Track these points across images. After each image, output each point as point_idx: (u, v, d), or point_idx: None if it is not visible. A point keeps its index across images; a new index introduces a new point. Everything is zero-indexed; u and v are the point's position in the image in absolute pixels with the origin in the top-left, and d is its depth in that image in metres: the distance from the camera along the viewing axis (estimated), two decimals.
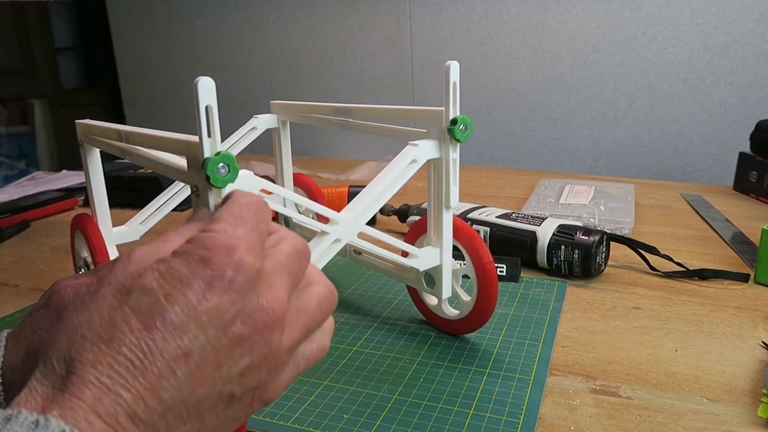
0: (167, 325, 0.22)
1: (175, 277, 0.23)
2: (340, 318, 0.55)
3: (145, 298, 0.23)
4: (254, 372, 0.24)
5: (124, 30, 1.94)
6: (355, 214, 0.40)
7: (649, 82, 1.34)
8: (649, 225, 0.83)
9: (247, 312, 0.24)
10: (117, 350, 0.21)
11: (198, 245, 0.24)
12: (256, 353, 0.24)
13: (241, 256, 0.24)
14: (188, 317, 0.22)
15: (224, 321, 0.23)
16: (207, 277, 0.23)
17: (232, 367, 0.24)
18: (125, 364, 0.21)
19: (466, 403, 0.41)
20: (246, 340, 0.24)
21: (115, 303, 0.23)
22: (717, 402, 0.41)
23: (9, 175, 2.61)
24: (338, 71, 1.65)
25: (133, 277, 0.23)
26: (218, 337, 0.23)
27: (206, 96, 0.29)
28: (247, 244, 0.24)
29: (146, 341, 0.22)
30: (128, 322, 0.22)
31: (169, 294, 0.23)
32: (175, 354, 0.22)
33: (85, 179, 0.52)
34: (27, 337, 0.35)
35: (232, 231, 0.25)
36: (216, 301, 0.23)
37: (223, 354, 0.23)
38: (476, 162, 1.53)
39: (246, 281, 0.24)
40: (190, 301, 0.23)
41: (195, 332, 0.22)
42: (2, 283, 0.68)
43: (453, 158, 0.44)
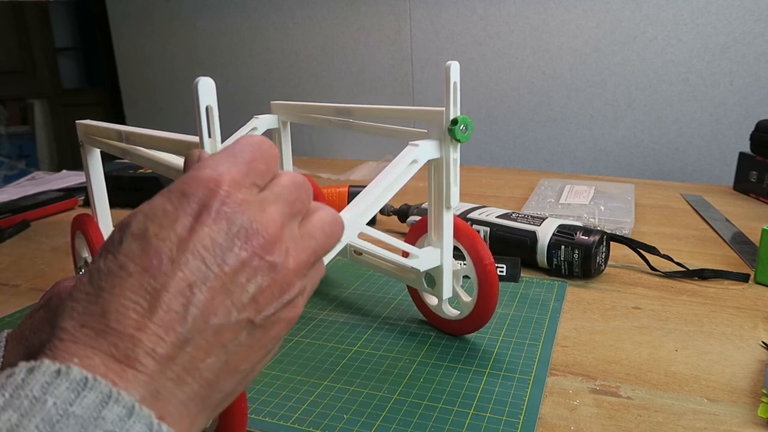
0: (164, 261, 0.22)
1: (160, 214, 0.23)
2: (340, 318, 0.55)
3: (136, 241, 0.23)
4: (266, 296, 0.24)
5: (124, 30, 1.94)
6: (355, 214, 0.40)
7: (649, 82, 1.34)
8: (649, 225, 0.83)
9: (242, 236, 0.24)
10: (121, 295, 0.22)
11: (180, 182, 0.24)
12: (261, 276, 0.24)
13: (225, 188, 0.24)
14: (183, 250, 0.23)
15: (220, 248, 0.23)
16: (192, 210, 0.23)
17: (242, 293, 0.24)
18: (133, 307, 0.22)
19: (466, 403, 0.41)
20: (247, 264, 0.24)
21: (110, 255, 0.23)
22: (717, 402, 0.41)
23: (9, 175, 2.61)
24: (338, 71, 1.65)
25: (121, 227, 0.24)
26: (218, 263, 0.23)
27: (206, 96, 0.29)
28: (230, 177, 0.25)
29: (148, 281, 0.22)
30: (126, 268, 0.22)
31: (157, 233, 0.23)
32: (180, 287, 0.22)
33: (86, 179, 0.52)
34: (27, 338, 0.36)
35: (215, 165, 0.25)
36: (207, 231, 0.23)
37: (228, 280, 0.23)
38: (476, 162, 1.53)
39: (233, 209, 0.24)
40: (180, 234, 0.23)
41: (193, 263, 0.23)
42: (2, 283, 0.68)
43: (453, 158, 0.44)
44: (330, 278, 0.64)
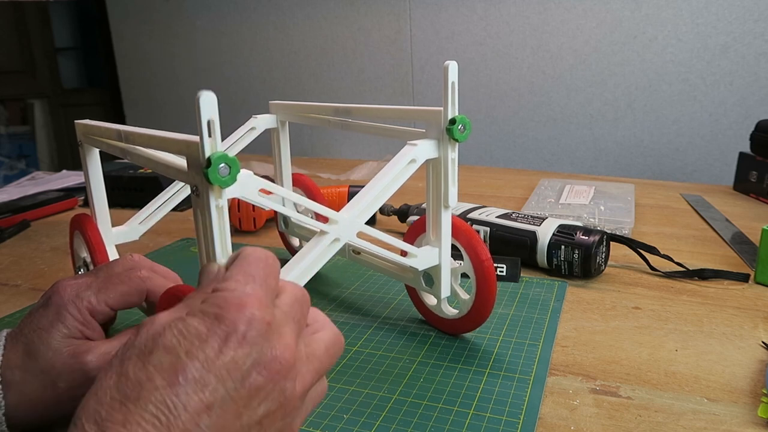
0: (189, 380, 0.23)
1: (193, 334, 0.24)
2: (340, 318, 0.55)
3: (167, 355, 0.24)
4: (271, 419, 0.26)
5: (124, 30, 1.94)
6: (354, 214, 0.40)
7: (649, 82, 1.34)
8: (649, 225, 0.83)
9: (262, 363, 0.25)
10: (144, 408, 0.23)
11: (212, 304, 0.26)
12: (272, 401, 0.25)
13: (252, 311, 0.25)
14: (208, 371, 0.24)
15: (241, 372, 0.24)
16: (222, 333, 0.25)
17: (252, 416, 0.25)
18: (152, 422, 0.22)
19: (466, 403, 0.41)
20: (262, 389, 0.25)
21: (140, 363, 0.24)
22: (717, 402, 0.41)
23: (9, 175, 2.61)
24: (338, 71, 1.65)
25: (154, 337, 0.25)
26: (237, 388, 0.24)
27: (208, 110, 0.29)
28: (256, 299, 0.26)
29: (170, 397, 0.23)
30: (153, 380, 0.23)
31: (188, 350, 0.24)
32: (198, 407, 0.23)
33: (85, 179, 0.52)
34: (26, 336, 0.36)
35: (242, 288, 0.26)
36: (232, 355, 0.24)
37: (242, 404, 0.24)
38: (476, 162, 1.53)
39: (258, 334, 0.25)
40: (208, 355, 0.24)
41: (215, 385, 0.24)
42: (2, 283, 0.68)
43: (452, 158, 0.44)
44: (330, 278, 0.64)
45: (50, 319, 0.36)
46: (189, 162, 0.32)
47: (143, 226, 0.55)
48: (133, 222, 0.54)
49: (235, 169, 0.30)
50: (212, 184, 0.30)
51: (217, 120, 0.29)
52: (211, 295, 0.26)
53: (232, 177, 0.30)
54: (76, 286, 0.38)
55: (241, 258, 0.29)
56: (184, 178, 0.34)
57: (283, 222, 0.66)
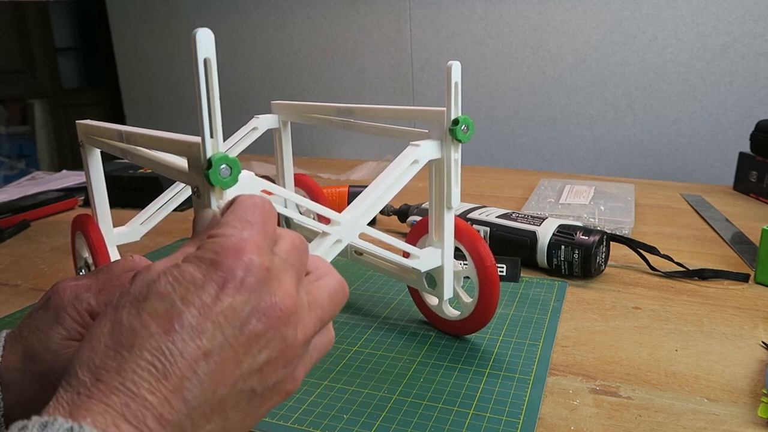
0: (185, 326, 0.23)
1: (189, 280, 0.24)
2: (340, 318, 0.55)
3: (162, 302, 0.23)
4: (272, 367, 0.25)
5: (124, 30, 1.94)
6: (356, 215, 0.40)
7: (649, 82, 1.34)
8: (649, 225, 0.83)
9: (261, 309, 0.24)
10: (139, 355, 0.22)
11: (208, 250, 0.25)
12: (272, 348, 0.25)
13: (251, 257, 0.25)
14: (205, 318, 0.23)
15: (240, 319, 0.24)
16: (219, 279, 0.24)
17: (252, 364, 0.24)
18: (148, 369, 0.22)
19: (466, 403, 0.41)
20: (262, 336, 0.24)
21: (133, 310, 0.23)
22: (717, 402, 0.41)
23: (9, 175, 2.61)
24: (338, 71, 1.65)
25: (148, 284, 0.24)
26: (235, 335, 0.24)
27: (205, 48, 0.28)
28: (254, 244, 0.25)
29: (166, 344, 0.22)
30: (147, 327, 0.23)
31: (184, 297, 0.23)
32: (196, 354, 0.23)
33: (86, 180, 0.52)
34: (26, 337, 0.36)
35: (239, 233, 0.25)
36: (230, 301, 0.24)
37: (241, 351, 0.24)
38: (476, 162, 1.53)
39: (257, 280, 0.25)
40: (205, 302, 0.23)
41: (212, 332, 0.23)
42: (2, 283, 0.68)
43: (455, 159, 0.44)
44: None
45: (49, 320, 0.36)
46: (190, 163, 0.32)
47: (144, 226, 0.55)
48: (135, 223, 0.54)
49: (236, 170, 0.30)
50: (213, 185, 0.30)
51: (214, 59, 0.28)
52: (207, 240, 0.25)
53: (233, 178, 0.30)
54: (75, 287, 0.38)
55: (237, 204, 0.28)
56: (185, 179, 0.34)
57: (285, 223, 0.66)
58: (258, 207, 0.28)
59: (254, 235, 0.26)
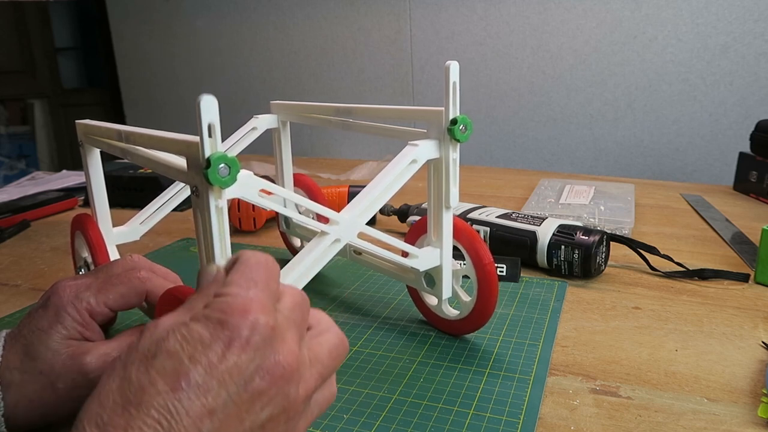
0: (192, 385, 0.23)
1: (197, 339, 0.24)
2: (340, 318, 0.55)
3: (170, 360, 0.24)
4: (274, 423, 0.26)
5: (124, 30, 1.94)
6: (355, 214, 0.40)
7: (649, 82, 1.34)
8: (649, 225, 0.83)
9: (265, 368, 0.25)
10: (146, 413, 0.23)
11: (215, 309, 0.26)
12: (275, 406, 0.25)
13: (256, 316, 0.25)
14: (211, 376, 0.24)
15: (244, 377, 0.24)
16: (226, 338, 0.25)
17: (254, 421, 0.25)
18: (154, 426, 0.22)
19: (466, 403, 0.41)
20: (265, 394, 0.25)
21: (142, 367, 0.24)
22: (717, 402, 0.41)
23: (9, 175, 2.61)
24: (338, 71, 1.65)
25: (157, 342, 0.25)
26: (239, 393, 0.24)
27: (208, 114, 0.29)
28: (260, 304, 0.26)
29: (173, 402, 0.23)
30: (155, 385, 0.23)
31: (192, 355, 0.24)
32: (200, 412, 0.23)
33: (86, 179, 0.52)
34: (26, 337, 0.36)
35: (245, 293, 0.26)
36: (235, 360, 0.24)
37: (244, 409, 0.24)
38: (476, 162, 1.53)
39: (262, 339, 0.25)
40: (211, 360, 0.24)
41: (217, 390, 0.24)
42: (2, 283, 0.68)
43: (453, 158, 0.44)
44: (330, 278, 0.64)
45: (49, 320, 0.36)
46: (189, 162, 0.32)
47: (144, 226, 0.55)
48: (134, 222, 0.54)
49: (235, 169, 0.30)
50: (212, 184, 0.30)
51: (218, 122, 0.29)
52: (214, 300, 0.26)
53: (231, 177, 0.30)
54: (75, 287, 0.38)
55: (241, 262, 0.29)
56: (184, 179, 0.34)
57: (284, 222, 0.66)
58: (261, 265, 0.28)
59: (259, 294, 0.27)
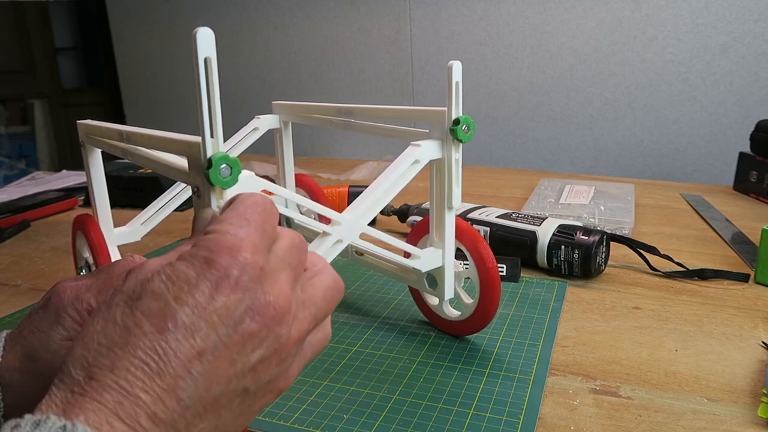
0: (179, 326, 0.23)
1: (182, 279, 0.24)
2: (340, 318, 0.55)
3: (155, 301, 0.23)
4: (265, 365, 0.25)
5: (124, 30, 1.94)
6: (357, 215, 0.40)
7: (649, 82, 1.34)
8: (649, 225, 0.83)
9: (255, 308, 0.24)
10: (132, 354, 0.22)
11: (202, 247, 0.25)
12: (266, 347, 0.25)
13: (246, 255, 0.24)
14: (198, 317, 0.23)
15: (234, 318, 0.24)
16: (213, 278, 0.24)
17: (245, 363, 0.24)
18: (142, 367, 0.22)
19: (466, 403, 0.41)
20: (256, 336, 0.24)
21: (127, 309, 0.23)
22: (717, 402, 0.41)
23: (9, 175, 2.61)
24: (338, 71, 1.65)
25: (142, 283, 0.24)
26: (229, 334, 0.24)
27: (205, 47, 0.28)
28: (250, 243, 0.25)
29: (160, 343, 0.22)
30: (141, 326, 0.23)
31: (177, 296, 0.23)
32: (189, 354, 0.23)
33: (87, 179, 0.52)
34: (26, 338, 0.36)
35: (235, 231, 0.25)
36: (224, 300, 0.24)
37: (235, 351, 0.24)
38: (476, 162, 1.53)
39: (251, 279, 0.24)
40: (198, 301, 0.23)
41: (206, 331, 0.23)
42: (2, 283, 0.68)
43: (455, 159, 0.44)
44: None
45: (49, 321, 0.36)
46: (190, 163, 0.32)
47: (145, 227, 0.55)
48: (135, 223, 0.54)
49: (237, 170, 0.30)
50: (213, 185, 0.30)
51: (215, 59, 0.28)
52: (203, 237, 0.25)
53: (233, 178, 0.30)
54: (75, 287, 0.38)
55: (237, 201, 0.27)
56: (185, 179, 0.34)
57: (285, 223, 0.67)
58: (258, 205, 0.27)
59: (251, 233, 0.26)
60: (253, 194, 0.28)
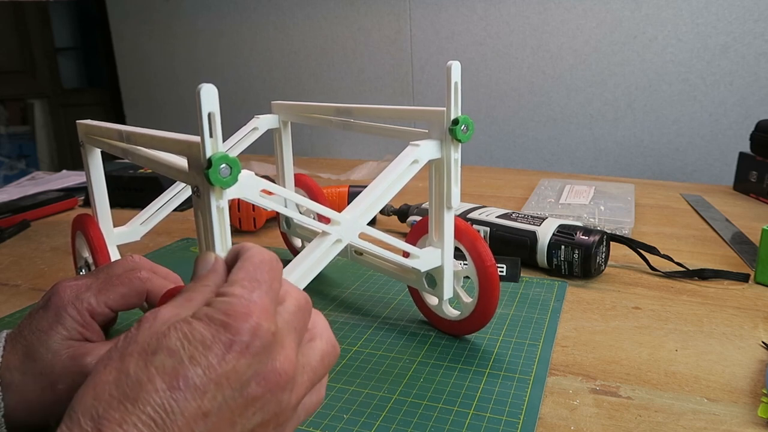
0: (189, 385, 0.23)
1: (198, 339, 0.24)
2: (340, 318, 0.55)
3: (170, 358, 0.24)
4: (264, 427, 0.26)
5: (124, 30, 1.94)
6: (356, 215, 0.40)
7: (649, 82, 1.34)
8: (649, 225, 0.83)
9: (262, 374, 0.25)
10: (142, 410, 0.23)
11: (218, 310, 0.25)
12: (267, 411, 0.26)
13: (259, 321, 0.25)
14: (209, 379, 0.24)
15: (241, 382, 0.24)
16: (227, 341, 0.24)
17: (246, 425, 0.25)
18: (149, 424, 0.22)
19: (466, 403, 0.41)
20: (259, 400, 0.25)
21: (141, 362, 0.24)
22: (717, 402, 0.41)
23: (9, 175, 2.61)
24: (338, 71, 1.65)
25: (158, 337, 0.25)
26: (234, 397, 0.24)
27: (209, 103, 0.29)
28: (262, 308, 0.26)
29: (169, 401, 0.23)
30: (153, 382, 0.23)
31: (192, 356, 0.24)
32: (195, 414, 0.23)
33: (86, 179, 0.52)
34: (26, 337, 0.36)
35: (248, 295, 0.26)
36: (234, 364, 0.24)
37: (238, 413, 0.24)
38: (476, 162, 1.53)
39: (262, 345, 0.25)
40: (211, 363, 0.24)
41: (214, 393, 0.24)
42: (2, 283, 0.68)
43: (454, 159, 0.44)
44: (330, 278, 0.64)
45: (50, 320, 0.36)
46: (190, 162, 0.32)
47: (144, 226, 0.55)
48: (135, 223, 0.54)
49: (236, 169, 0.30)
50: (213, 185, 0.30)
51: (218, 115, 0.29)
52: (217, 300, 0.26)
53: (233, 178, 0.30)
54: (75, 287, 0.38)
55: (245, 260, 0.28)
56: (184, 179, 0.34)
57: (285, 222, 0.67)
58: (266, 264, 0.28)
59: (263, 296, 0.26)
60: (259, 251, 0.29)
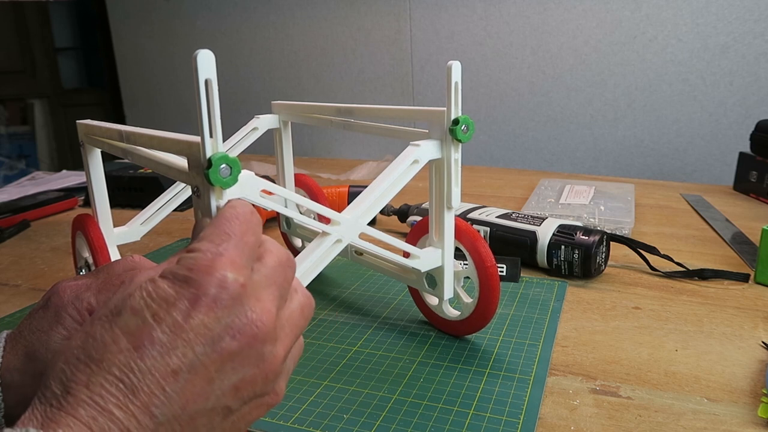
0: (155, 344, 0.23)
1: (161, 297, 0.24)
2: (340, 318, 0.55)
3: (134, 318, 0.23)
4: (249, 384, 0.25)
5: (124, 30, 1.94)
6: (356, 215, 0.40)
7: (649, 82, 1.34)
8: (649, 225, 0.83)
9: (236, 327, 0.24)
10: (107, 370, 0.22)
11: (182, 266, 0.25)
12: (249, 366, 0.25)
13: (224, 273, 0.24)
14: (175, 335, 0.23)
15: (212, 337, 0.24)
16: (191, 296, 0.24)
17: (224, 381, 0.24)
18: (116, 384, 0.22)
19: (466, 403, 0.41)
20: (237, 355, 0.24)
21: (107, 324, 0.24)
22: (717, 402, 0.41)
23: (9, 175, 2.61)
24: (338, 71, 1.65)
25: (123, 298, 0.24)
26: (207, 353, 0.24)
27: (206, 69, 0.28)
28: (229, 260, 0.25)
29: (135, 361, 0.22)
30: (117, 343, 0.23)
31: (155, 314, 0.23)
32: (164, 372, 0.23)
33: (86, 179, 0.52)
34: (26, 338, 0.36)
35: (215, 248, 0.25)
36: (201, 318, 0.24)
37: (213, 369, 0.24)
38: (476, 162, 1.53)
39: (230, 297, 0.24)
40: (176, 319, 0.23)
41: (183, 350, 0.23)
42: (2, 283, 0.68)
43: (455, 159, 0.44)
44: (330, 278, 0.64)
45: (49, 320, 0.36)
46: (190, 163, 0.32)
47: (144, 226, 0.55)
48: (135, 223, 0.54)
49: (236, 169, 0.30)
50: (213, 185, 0.30)
51: (215, 80, 0.29)
52: (183, 256, 0.25)
53: (233, 178, 0.30)
54: (75, 287, 0.38)
55: (218, 216, 0.28)
56: (185, 179, 0.34)
57: (285, 223, 0.67)
58: (238, 218, 0.27)
59: (230, 249, 0.26)
60: (234, 205, 0.28)
